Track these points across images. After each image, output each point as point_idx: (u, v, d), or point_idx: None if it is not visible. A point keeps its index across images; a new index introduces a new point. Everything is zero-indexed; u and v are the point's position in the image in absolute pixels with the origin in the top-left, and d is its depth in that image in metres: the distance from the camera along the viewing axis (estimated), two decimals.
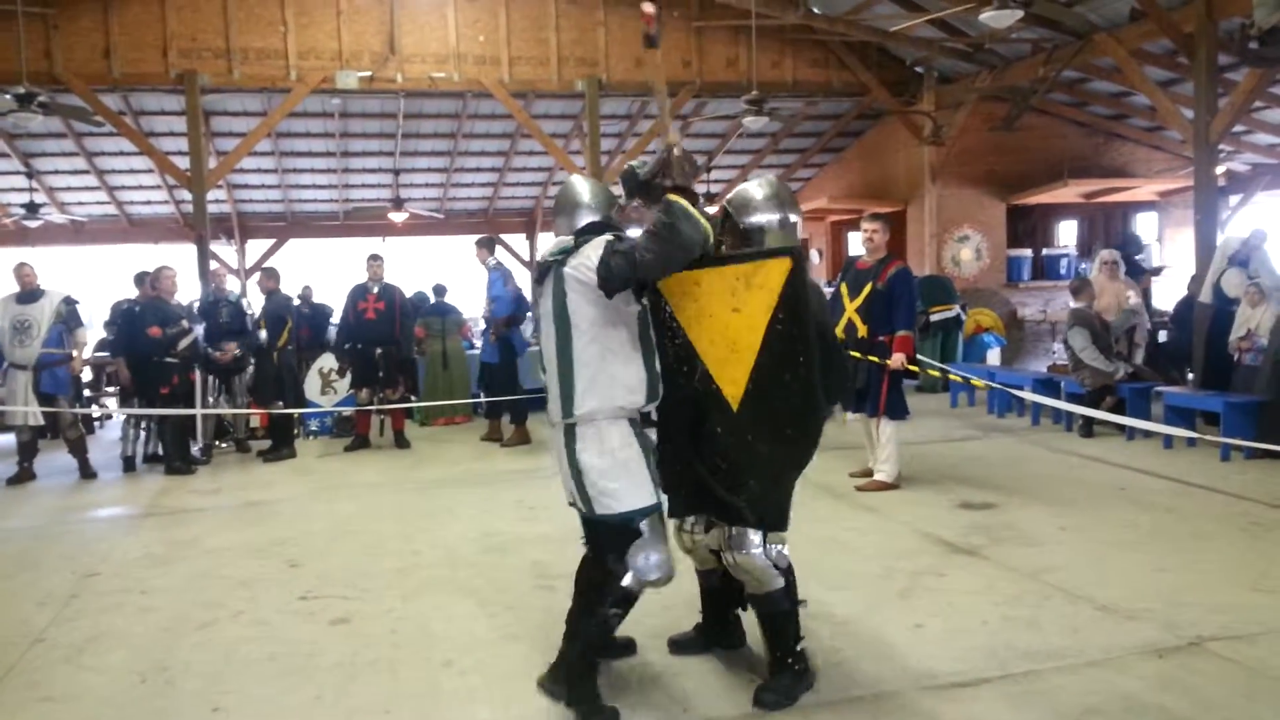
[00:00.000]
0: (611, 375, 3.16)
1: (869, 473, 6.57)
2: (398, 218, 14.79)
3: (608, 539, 3.29)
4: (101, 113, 10.59)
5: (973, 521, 5.54)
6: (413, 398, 9.62)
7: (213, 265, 10.72)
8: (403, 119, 13.21)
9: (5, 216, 14.46)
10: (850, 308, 6.43)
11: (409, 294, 9.79)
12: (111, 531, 6.18)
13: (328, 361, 9.79)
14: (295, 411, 8.99)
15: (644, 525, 3.26)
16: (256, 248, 16.78)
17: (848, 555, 4.98)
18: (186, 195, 12.96)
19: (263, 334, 8.77)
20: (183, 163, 11.32)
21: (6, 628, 4.27)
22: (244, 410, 8.95)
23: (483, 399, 9.49)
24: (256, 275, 10.16)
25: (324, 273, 18.98)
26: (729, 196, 3.53)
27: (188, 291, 9.45)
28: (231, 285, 10.43)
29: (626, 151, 13.46)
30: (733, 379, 3.23)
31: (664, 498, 3.34)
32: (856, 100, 13.52)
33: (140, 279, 8.86)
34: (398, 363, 9.05)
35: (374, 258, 9.12)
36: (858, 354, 6.32)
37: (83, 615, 4.43)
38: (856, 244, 14.66)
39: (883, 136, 14.35)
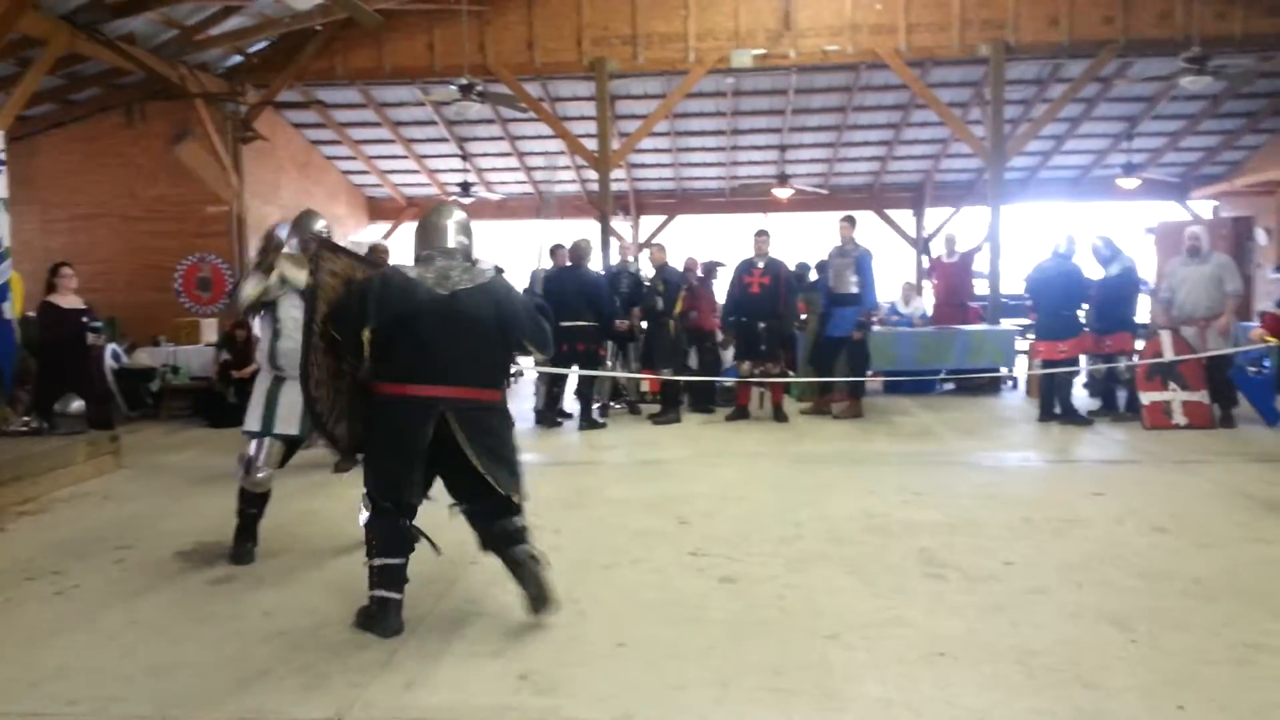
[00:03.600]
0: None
1: None
2: (782, 194, 14.92)
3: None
4: (525, 100, 11.71)
5: None
6: (791, 373, 9.68)
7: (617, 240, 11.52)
8: (793, 94, 13.26)
9: (444, 194, 16.69)
10: None
11: (792, 268, 9.84)
12: (528, 475, 6.83)
13: None
14: (683, 379, 9.41)
15: (251, 445, 4.69)
16: (648, 223, 17.85)
17: None
18: (591, 174, 14.04)
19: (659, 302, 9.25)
20: (590, 144, 12.24)
21: (451, 549, 4.87)
22: (638, 375, 9.54)
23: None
24: (648, 250, 10.76)
25: (708, 248, 19.80)
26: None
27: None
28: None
29: (1034, 120, 12.43)
30: None
31: (272, 429, 4.68)
32: None
33: (554, 250, 9.71)
34: (780, 337, 9.13)
35: (760, 233, 9.25)
36: None
37: None
38: None
39: None
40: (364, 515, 3.84)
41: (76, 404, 7.41)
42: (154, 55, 10.31)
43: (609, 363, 9.40)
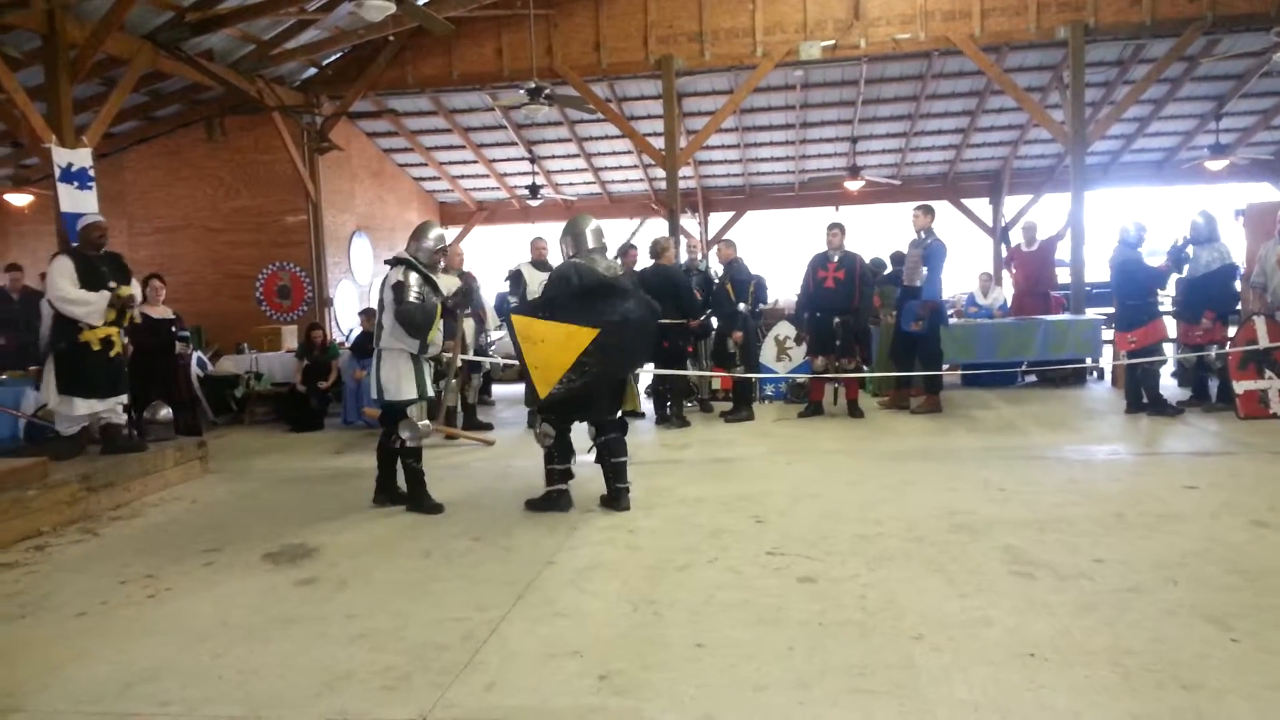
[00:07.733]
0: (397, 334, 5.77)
1: None
2: (853, 186, 14.69)
3: (390, 418, 5.91)
4: (592, 101, 11.72)
5: None
6: (865, 368, 9.51)
7: (688, 238, 11.46)
8: (863, 85, 13.03)
9: (514, 198, 16.84)
10: None
11: (868, 262, 9.68)
12: (596, 474, 6.82)
13: (784, 329, 10.02)
14: (754, 376, 9.32)
15: (410, 410, 5.82)
16: (716, 220, 17.74)
17: None
18: (659, 173, 14.01)
19: (741, 305, 9.17)
20: (657, 143, 12.20)
21: (527, 549, 4.92)
22: (710, 372, 9.48)
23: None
24: (716, 246, 10.69)
25: (777, 243, 19.68)
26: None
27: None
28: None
29: (1116, 103, 12.01)
30: None
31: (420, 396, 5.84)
32: None
33: (623, 251, 9.69)
34: (854, 332, 8.99)
35: (834, 226, 9.11)
36: None
37: (582, 546, 4.96)
38: None
39: None
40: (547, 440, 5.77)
41: (164, 411, 7.63)
42: (232, 70, 10.62)
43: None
